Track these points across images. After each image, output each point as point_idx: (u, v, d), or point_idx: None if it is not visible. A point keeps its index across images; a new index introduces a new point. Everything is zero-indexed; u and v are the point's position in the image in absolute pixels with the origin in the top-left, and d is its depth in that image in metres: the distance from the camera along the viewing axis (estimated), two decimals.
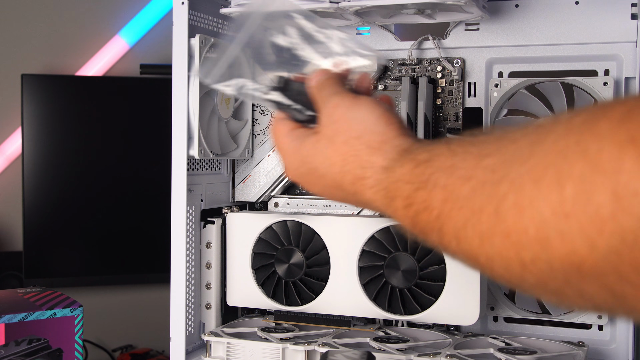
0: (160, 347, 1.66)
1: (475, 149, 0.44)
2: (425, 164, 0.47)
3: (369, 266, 0.88)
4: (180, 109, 0.87)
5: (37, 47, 1.72)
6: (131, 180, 1.64)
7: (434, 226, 0.45)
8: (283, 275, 0.92)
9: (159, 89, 1.63)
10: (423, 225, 0.46)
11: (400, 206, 0.49)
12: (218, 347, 0.89)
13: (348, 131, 0.56)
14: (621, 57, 0.87)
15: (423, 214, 0.46)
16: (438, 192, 0.45)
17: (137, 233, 1.65)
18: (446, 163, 0.45)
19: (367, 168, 0.54)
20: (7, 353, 0.91)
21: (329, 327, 0.92)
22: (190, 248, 0.91)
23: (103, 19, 1.75)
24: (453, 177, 0.44)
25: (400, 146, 0.53)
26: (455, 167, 0.44)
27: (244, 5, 0.87)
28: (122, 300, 1.76)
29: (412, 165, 0.49)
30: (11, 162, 1.72)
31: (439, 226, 0.44)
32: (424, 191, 0.46)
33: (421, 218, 0.46)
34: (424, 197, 0.46)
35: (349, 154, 0.55)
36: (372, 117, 0.56)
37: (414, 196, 0.47)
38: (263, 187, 0.99)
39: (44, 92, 1.58)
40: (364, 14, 0.88)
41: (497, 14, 0.91)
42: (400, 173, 0.50)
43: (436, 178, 0.45)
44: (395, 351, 0.84)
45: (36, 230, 1.57)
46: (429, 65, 0.94)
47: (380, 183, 0.52)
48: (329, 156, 0.57)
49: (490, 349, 0.85)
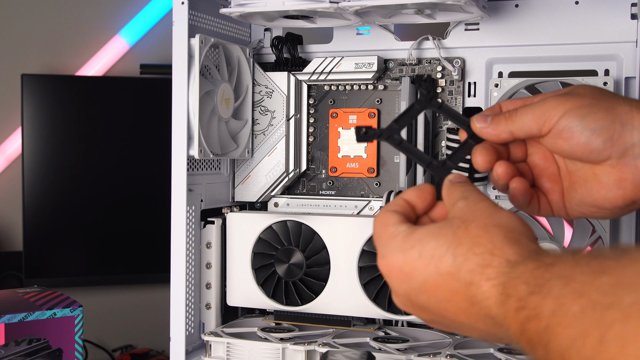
0: (160, 347, 1.66)
1: (595, 263, 0.41)
2: (546, 267, 0.44)
3: (369, 266, 0.88)
4: (180, 109, 0.87)
5: (37, 47, 1.72)
6: (131, 180, 1.65)
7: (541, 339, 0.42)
8: (283, 275, 0.92)
9: (159, 89, 1.63)
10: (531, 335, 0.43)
11: (513, 307, 0.45)
12: (218, 347, 0.89)
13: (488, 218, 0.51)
14: (621, 57, 0.87)
15: (533, 322, 0.43)
16: (549, 301, 0.42)
17: (137, 233, 1.65)
18: (565, 271, 0.43)
19: (495, 256, 0.48)
20: (7, 353, 0.91)
21: (329, 327, 0.92)
22: (190, 248, 0.91)
23: (103, 19, 1.75)
24: (567, 289, 0.41)
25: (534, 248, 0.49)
26: (572, 279, 0.41)
27: (243, 5, 0.87)
28: (122, 300, 1.76)
29: (534, 266, 0.45)
30: (11, 162, 1.72)
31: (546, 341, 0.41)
32: (537, 296, 0.43)
33: (530, 326, 0.43)
34: (537, 303, 0.43)
35: (482, 237, 0.50)
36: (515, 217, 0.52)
37: (527, 299, 0.44)
38: (263, 187, 0.99)
39: (44, 92, 1.58)
40: (364, 14, 0.88)
41: (497, 14, 0.91)
42: (521, 271, 0.46)
43: (551, 285, 0.42)
44: (395, 351, 0.84)
45: (36, 230, 1.57)
46: (429, 65, 0.94)
47: (501, 276, 0.47)
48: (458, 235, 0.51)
49: (490, 349, 0.85)
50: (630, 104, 0.58)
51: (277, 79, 0.98)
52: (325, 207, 0.98)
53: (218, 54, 0.93)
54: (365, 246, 0.88)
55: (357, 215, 0.95)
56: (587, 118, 0.58)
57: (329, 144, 0.98)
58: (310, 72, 0.96)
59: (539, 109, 0.60)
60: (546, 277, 0.43)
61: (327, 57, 0.95)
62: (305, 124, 0.99)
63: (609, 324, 0.37)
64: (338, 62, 0.95)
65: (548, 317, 0.41)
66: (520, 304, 0.44)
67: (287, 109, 0.97)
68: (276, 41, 0.98)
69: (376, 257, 0.55)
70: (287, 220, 0.92)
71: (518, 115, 0.60)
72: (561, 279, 0.42)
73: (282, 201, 1.00)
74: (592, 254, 0.43)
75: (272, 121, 0.98)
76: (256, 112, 0.99)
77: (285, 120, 0.97)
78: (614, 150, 0.58)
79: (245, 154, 0.97)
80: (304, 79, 0.98)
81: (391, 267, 0.53)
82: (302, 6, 0.84)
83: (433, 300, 0.52)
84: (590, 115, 0.58)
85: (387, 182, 0.96)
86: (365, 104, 0.97)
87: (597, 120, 0.57)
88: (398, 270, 0.53)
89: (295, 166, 0.98)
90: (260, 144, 0.99)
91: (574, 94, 0.60)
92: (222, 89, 0.92)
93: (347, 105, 0.98)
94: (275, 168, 0.98)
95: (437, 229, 0.52)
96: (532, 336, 0.42)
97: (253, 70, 0.98)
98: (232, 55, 0.95)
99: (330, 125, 0.98)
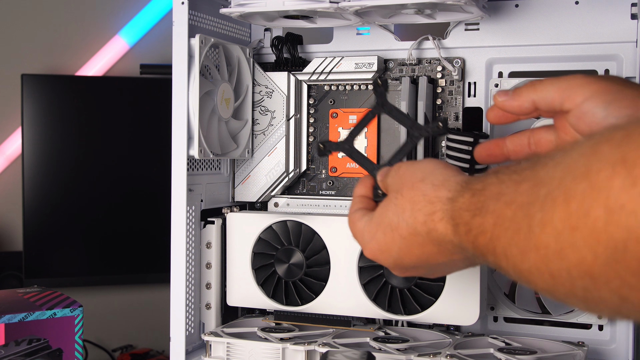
0: (160, 347, 1.66)
1: (516, 176, 0.49)
2: (479, 192, 0.52)
3: (369, 266, 0.88)
4: (180, 109, 0.87)
5: (37, 47, 1.72)
6: (131, 180, 1.65)
7: (489, 248, 0.50)
8: (283, 275, 0.92)
9: (159, 89, 1.63)
10: (482, 248, 0.51)
11: (463, 232, 0.53)
12: (218, 347, 0.89)
13: (412, 178, 0.61)
14: (621, 57, 0.87)
15: (480, 237, 0.51)
16: (489, 217, 0.50)
17: (137, 233, 1.65)
18: (494, 190, 0.50)
19: (435, 202, 0.58)
20: (7, 353, 0.91)
21: (329, 327, 0.92)
22: (190, 248, 0.91)
23: (103, 19, 1.75)
24: (500, 203, 0.49)
25: (462, 180, 0.57)
26: (501, 194, 0.49)
27: (243, 5, 0.87)
28: (122, 300, 1.76)
29: (469, 195, 0.53)
30: (11, 162, 1.72)
31: (492, 247, 0.49)
32: (479, 217, 0.51)
33: (479, 242, 0.51)
34: (479, 222, 0.51)
35: (417, 195, 0.60)
36: (431, 164, 0.62)
37: (472, 222, 0.52)
38: (263, 187, 0.99)
39: (44, 92, 1.58)
40: (364, 14, 0.88)
41: (497, 14, 0.91)
42: (461, 202, 0.54)
43: (487, 205, 0.50)
44: (395, 351, 0.84)
45: (36, 230, 1.57)
46: (429, 65, 0.94)
47: (447, 213, 0.56)
48: (399, 204, 0.61)
49: (490, 349, 0.85)
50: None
51: (277, 79, 0.98)
52: (325, 207, 0.98)
53: (218, 54, 0.93)
54: None
55: None
56: (612, 105, 0.58)
57: None
58: (310, 72, 0.96)
59: (565, 82, 0.62)
60: (481, 200, 0.51)
61: (327, 57, 0.95)
62: (305, 124, 0.99)
63: (533, 215, 0.44)
64: (338, 62, 0.95)
65: (491, 228, 0.49)
66: (467, 227, 0.52)
67: (287, 109, 0.97)
68: (276, 41, 0.98)
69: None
70: (287, 220, 0.92)
71: (543, 84, 0.64)
72: (493, 198, 0.50)
73: (282, 201, 1.00)
74: (510, 169, 0.50)
75: (272, 121, 0.98)
76: (256, 112, 0.99)
77: (285, 120, 0.97)
78: None
79: (245, 154, 0.97)
80: (304, 79, 0.98)
81: (374, 252, 0.65)
82: (302, 6, 0.84)
83: (414, 258, 0.62)
84: (615, 103, 0.58)
85: None
86: (365, 104, 0.97)
87: (622, 108, 0.58)
88: (379, 252, 0.64)
89: (295, 166, 0.98)
90: (260, 144, 0.99)
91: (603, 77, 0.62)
92: (222, 89, 0.92)
93: (347, 105, 0.98)
94: (275, 168, 0.98)
95: (383, 209, 0.63)
96: (482, 248, 0.51)
97: (253, 70, 0.98)
98: (232, 55, 0.95)
99: (330, 125, 0.98)
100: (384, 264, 0.65)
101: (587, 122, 0.60)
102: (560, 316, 0.90)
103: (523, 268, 0.46)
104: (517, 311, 0.92)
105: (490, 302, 0.92)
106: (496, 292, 0.92)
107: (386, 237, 0.63)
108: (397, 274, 0.67)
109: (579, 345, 0.85)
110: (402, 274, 0.68)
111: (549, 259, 0.43)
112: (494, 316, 0.94)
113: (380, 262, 0.66)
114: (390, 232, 0.62)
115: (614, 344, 0.88)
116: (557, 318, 0.90)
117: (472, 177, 0.56)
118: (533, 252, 0.44)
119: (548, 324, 0.92)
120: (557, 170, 0.43)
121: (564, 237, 0.41)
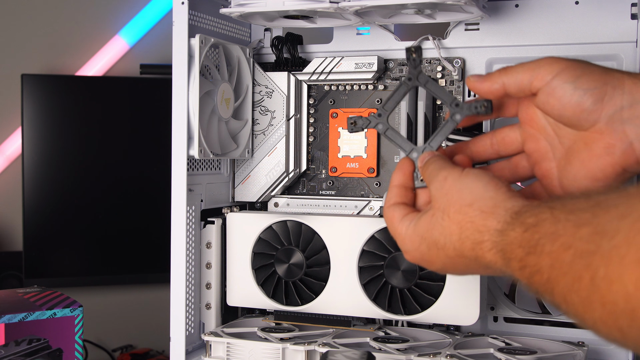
0: (160, 347, 1.66)
1: (573, 217, 0.47)
2: (532, 228, 0.51)
3: (369, 266, 0.88)
4: (180, 109, 0.87)
5: (37, 47, 1.73)
6: (131, 180, 1.65)
7: (546, 288, 0.49)
8: (283, 275, 0.92)
9: (159, 89, 1.63)
10: (538, 286, 0.50)
11: (517, 267, 0.52)
12: (218, 347, 0.89)
13: (459, 200, 0.59)
14: (621, 57, 0.87)
15: (536, 276, 0.49)
16: (545, 258, 0.48)
17: (137, 233, 1.65)
18: (549, 230, 0.49)
19: (483, 232, 0.56)
20: (7, 353, 0.91)
21: (329, 327, 0.92)
22: (190, 248, 0.91)
23: (103, 19, 1.75)
24: (556, 245, 0.47)
25: (512, 209, 0.55)
26: (558, 235, 0.48)
27: (243, 5, 0.87)
28: (122, 300, 1.76)
29: (522, 230, 0.52)
30: (11, 162, 1.72)
31: (550, 289, 0.48)
32: (534, 256, 0.50)
33: (535, 280, 0.50)
34: (535, 261, 0.49)
35: (464, 221, 0.58)
36: (480, 183, 0.59)
37: (526, 259, 0.51)
38: (263, 187, 0.99)
39: (44, 92, 1.58)
40: (364, 14, 0.88)
41: (497, 14, 0.91)
42: (512, 236, 0.53)
43: (543, 244, 0.49)
44: (395, 351, 0.84)
45: (36, 230, 1.57)
46: (429, 65, 0.94)
47: (497, 245, 0.55)
48: (445, 227, 0.60)
49: (490, 349, 0.85)
50: (621, 72, 0.61)
51: (277, 79, 0.98)
52: (325, 207, 0.98)
53: (218, 54, 0.93)
54: (366, 246, 0.88)
55: (357, 215, 0.95)
56: (582, 78, 0.60)
57: (329, 144, 0.98)
58: (310, 72, 0.96)
59: (534, 64, 0.63)
60: (535, 238, 0.50)
61: (327, 57, 0.95)
62: (305, 124, 0.99)
63: (596, 267, 0.43)
64: (338, 62, 0.95)
65: (548, 270, 0.48)
66: (521, 264, 0.51)
67: (287, 109, 0.97)
68: (276, 41, 0.98)
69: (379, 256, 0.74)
70: (287, 220, 0.92)
71: (513, 67, 0.64)
72: (548, 237, 0.48)
73: (282, 201, 1.00)
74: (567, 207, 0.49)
75: (272, 121, 0.98)
76: (256, 112, 0.99)
77: (285, 120, 0.97)
78: (603, 112, 0.60)
79: (245, 154, 0.97)
80: (304, 79, 0.98)
81: (416, 260, 0.65)
82: (302, 6, 0.84)
83: (458, 272, 0.63)
84: (584, 76, 0.60)
85: (387, 182, 0.96)
86: (365, 104, 0.97)
87: (590, 81, 0.60)
88: (421, 260, 0.64)
89: (295, 166, 0.98)
90: (260, 144, 0.99)
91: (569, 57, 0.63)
92: (222, 89, 0.92)
93: (347, 105, 0.98)
94: (275, 168, 0.98)
95: (429, 224, 0.62)
96: (538, 287, 0.50)
97: (253, 70, 0.98)
98: (232, 55, 0.95)
99: (330, 125, 0.98)
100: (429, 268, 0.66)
101: (557, 96, 0.61)
102: (560, 316, 0.90)
103: (587, 317, 0.45)
104: (517, 311, 0.92)
105: (490, 302, 0.92)
106: (496, 292, 0.92)
107: (431, 252, 0.62)
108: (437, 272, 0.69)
109: (579, 345, 0.85)
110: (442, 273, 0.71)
111: (618, 316, 0.41)
112: (494, 316, 0.94)
113: (422, 266, 0.66)
114: (436, 249, 0.61)
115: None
116: (557, 318, 0.90)
117: (524, 206, 0.55)
118: (598, 305, 0.43)
119: (548, 324, 0.92)
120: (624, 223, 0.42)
121: (636, 299, 0.40)
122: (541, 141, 0.67)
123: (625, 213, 0.43)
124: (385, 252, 0.87)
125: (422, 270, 0.86)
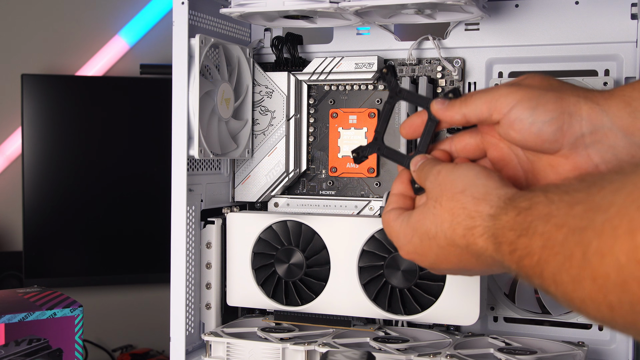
0: (160, 347, 1.66)
1: (568, 197, 0.47)
2: (525, 211, 0.51)
3: (369, 266, 0.88)
4: (180, 109, 0.87)
5: (37, 47, 1.73)
6: (131, 180, 1.65)
7: (535, 271, 0.48)
8: (283, 275, 0.92)
9: (159, 89, 1.63)
10: (527, 270, 0.50)
11: (507, 251, 0.52)
12: (218, 347, 0.89)
13: (452, 188, 0.59)
14: (621, 57, 0.87)
15: (526, 259, 0.49)
16: (537, 239, 0.48)
17: (137, 233, 1.65)
18: (543, 211, 0.49)
19: (475, 217, 0.56)
20: (7, 353, 0.91)
21: (329, 327, 0.92)
22: (190, 248, 0.91)
23: (103, 19, 1.75)
24: (549, 225, 0.47)
25: (504, 195, 0.56)
26: (551, 215, 0.47)
27: (243, 5, 0.87)
28: (122, 300, 1.76)
29: (514, 213, 0.52)
30: (11, 162, 1.72)
31: (539, 271, 0.48)
32: (525, 238, 0.49)
33: (525, 263, 0.50)
34: (526, 243, 0.49)
35: (456, 207, 0.58)
36: (472, 172, 0.59)
37: (517, 242, 0.50)
38: (263, 187, 0.99)
39: (44, 92, 1.58)
40: (364, 14, 0.88)
41: (497, 14, 0.91)
42: (505, 220, 0.53)
43: (535, 225, 0.49)
44: (395, 351, 0.84)
45: (36, 230, 1.57)
46: (429, 65, 0.94)
47: (488, 230, 0.55)
48: (437, 214, 0.60)
49: (490, 349, 0.85)
50: (577, 95, 0.60)
51: (277, 79, 0.98)
52: (325, 207, 0.98)
53: (218, 54, 0.93)
54: (365, 246, 0.88)
55: (357, 215, 0.95)
56: (538, 110, 0.60)
57: (329, 144, 0.98)
58: (310, 72, 0.96)
59: (490, 94, 0.62)
60: (528, 220, 0.50)
61: (327, 57, 0.95)
62: (305, 124, 0.99)
63: (588, 242, 0.42)
64: (338, 62, 0.95)
65: (539, 251, 0.48)
66: (512, 247, 0.51)
67: (287, 109, 0.97)
68: (276, 41, 0.98)
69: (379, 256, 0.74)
70: (287, 220, 0.92)
71: (472, 98, 0.64)
72: (541, 219, 0.48)
73: (282, 201, 1.00)
74: (561, 188, 0.49)
75: (272, 121, 0.98)
76: (256, 112, 0.99)
77: (285, 120, 0.97)
78: (565, 140, 0.60)
79: (245, 154, 0.97)
80: (304, 79, 0.98)
81: (409, 254, 0.65)
82: (302, 6, 0.84)
83: (451, 265, 0.62)
84: (539, 107, 0.60)
85: (387, 182, 0.96)
86: (365, 104, 0.97)
87: (547, 112, 0.60)
88: (415, 254, 0.64)
89: (295, 166, 0.98)
90: (260, 144, 0.99)
91: (524, 84, 0.62)
92: (222, 89, 0.92)
93: (347, 105, 0.98)
94: (275, 168, 0.98)
95: (421, 215, 0.62)
96: (527, 270, 0.50)
97: (253, 70, 0.98)
98: (232, 55, 0.95)
99: (330, 125, 0.98)
100: (422, 264, 0.65)
101: (516, 128, 0.61)
102: (560, 316, 0.90)
103: (575, 296, 0.44)
104: (517, 311, 0.92)
105: (490, 302, 0.92)
106: (496, 292, 0.92)
107: (423, 243, 0.62)
108: (433, 272, 0.68)
109: (579, 345, 0.85)
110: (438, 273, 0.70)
111: (608, 290, 0.41)
112: (494, 316, 0.94)
113: (416, 262, 0.65)
114: (428, 240, 0.61)
115: (614, 344, 0.88)
116: (557, 318, 0.90)
117: (517, 192, 0.55)
118: (588, 281, 0.42)
119: (548, 324, 0.92)
120: (618, 196, 0.42)
121: (628, 270, 0.39)
122: (504, 149, 0.66)
123: (620, 187, 0.42)
124: (385, 252, 0.87)
125: (422, 270, 0.86)
